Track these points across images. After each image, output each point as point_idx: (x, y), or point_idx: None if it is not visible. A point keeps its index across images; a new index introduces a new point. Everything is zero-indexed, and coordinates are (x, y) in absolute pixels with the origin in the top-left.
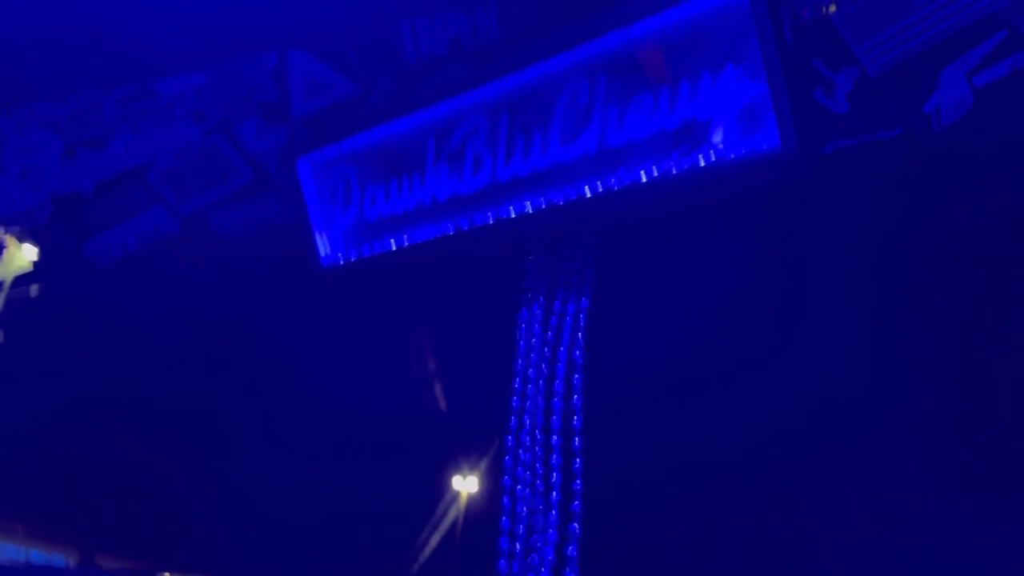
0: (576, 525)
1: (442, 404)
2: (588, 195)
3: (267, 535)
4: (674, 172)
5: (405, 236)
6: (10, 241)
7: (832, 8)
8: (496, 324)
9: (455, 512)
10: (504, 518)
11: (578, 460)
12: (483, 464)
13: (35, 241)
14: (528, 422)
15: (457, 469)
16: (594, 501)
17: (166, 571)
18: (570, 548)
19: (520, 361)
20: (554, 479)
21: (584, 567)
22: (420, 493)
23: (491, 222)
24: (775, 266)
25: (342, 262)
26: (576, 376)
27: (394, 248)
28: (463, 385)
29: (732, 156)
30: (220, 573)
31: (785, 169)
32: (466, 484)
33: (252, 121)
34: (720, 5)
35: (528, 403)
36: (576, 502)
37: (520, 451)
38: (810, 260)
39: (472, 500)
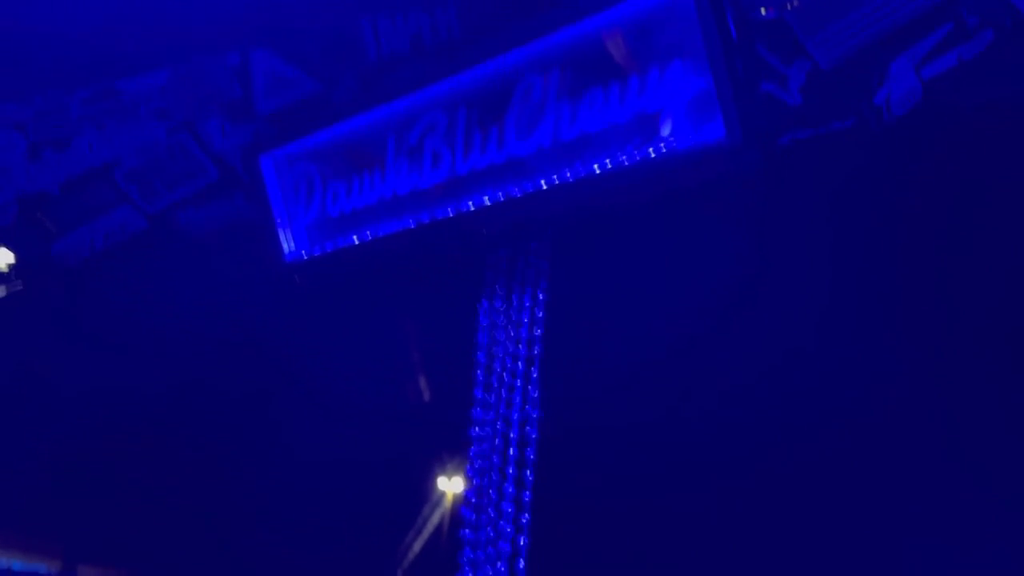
0: (526, 516)
1: (410, 398)
2: (544, 188)
3: (249, 539)
4: (626, 164)
5: (367, 231)
6: None
7: (796, 3)
8: (458, 316)
9: (438, 512)
10: (464, 508)
11: (534, 452)
12: (461, 462)
13: (2, 242)
14: (490, 415)
15: (431, 464)
16: (549, 492)
17: None
18: (521, 539)
19: (481, 354)
20: (511, 472)
21: (536, 556)
22: (392, 489)
23: (450, 215)
24: (734, 255)
25: (305, 257)
26: (532, 368)
27: (356, 242)
28: (430, 379)
29: (681, 148)
30: None
31: (732, 160)
32: (451, 484)
33: (216, 119)
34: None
35: (490, 396)
36: (527, 493)
37: (480, 443)
38: (769, 249)
39: (444, 497)
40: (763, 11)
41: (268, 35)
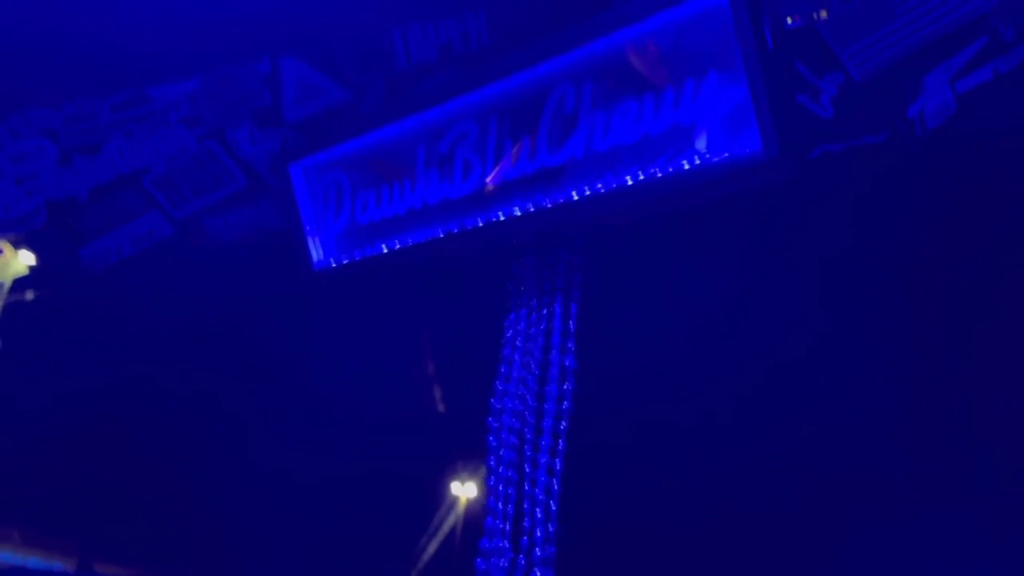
0: (553, 526)
1: (434, 406)
2: (575, 199)
3: (266, 541)
4: (659, 176)
5: (396, 240)
6: (6, 247)
7: (823, 14)
8: (486, 326)
9: (452, 516)
10: (488, 518)
11: (562, 463)
12: (476, 467)
13: (31, 247)
14: (516, 423)
15: (450, 471)
16: (580, 505)
17: None
18: (549, 548)
19: (505, 365)
20: (541, 480)
21: (564, 567)
22: (413, 495)
23: (480, 225)
24: (764, 267)
25: (334, 265)
26: (565, 379)
27: (385, 251)
28: (453, 387)
29: (715, 161)
30: None
31: (767, 173)
32: (465, 489)
33: (245, 127)
34: (702, 12)
35: (515, 404)
36: (553, 503)
37: (504, 451)
38: (799, 262)
39: (469, 504)
40: (789, 20)
41: (298, 43)
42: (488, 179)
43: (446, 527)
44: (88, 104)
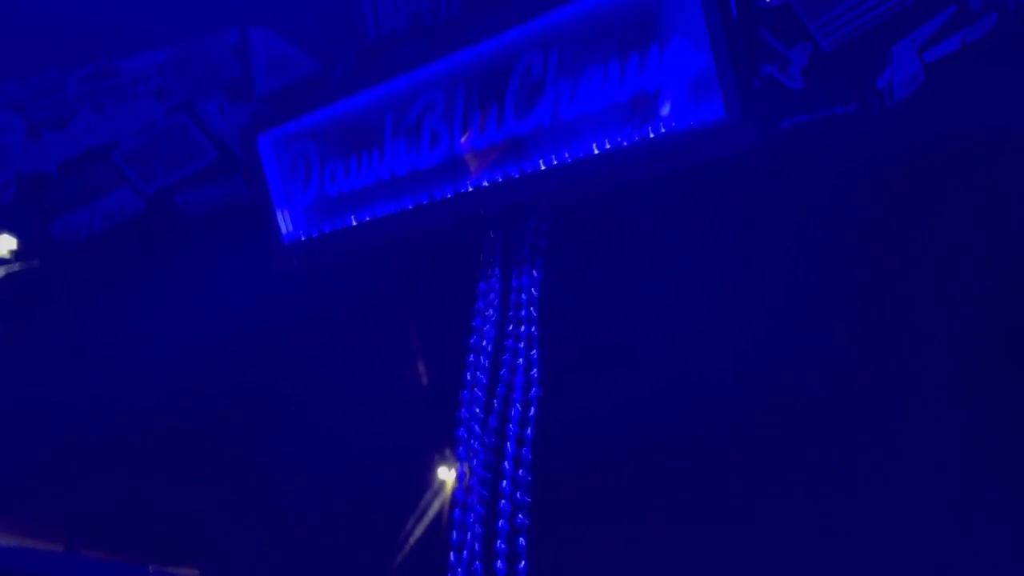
0: (520, 494)
1: (409, 380)
2: (542, 168)
3: (250, 527)
4: (625, 144)
5: (365, 212)
6: None
7: None
8: (457, 297)
9: (428, 497)
10: (457, 491)
11: (532, 430)
12: (450, 446)
13: (1, 223)
14: (483, 396)
15: (428, 450)
16: (550, 472)
17: (151, 563)
18: (519, 516)
19: (475, 337)
20: (510, 452)
21: (535, 536)
22: (389, 474)
23: (448, 196)
24: (734, 238)
25: (303, 238)
26: (532, 349)
27: (354, 224)
28: (426, 360)
29: (680, 128)
30: (205, 565)
31: (731, 140)
32: (451, 473)
33: (215, 99)
34: None
35: (482, 376)
36: (525, 472)
37: (475, 424)
38: (769, 232)
39: (444, 485)
40: None
41: (267, 13)
42: (463, 142)
43: (430, 510)
44: (56, 77)
